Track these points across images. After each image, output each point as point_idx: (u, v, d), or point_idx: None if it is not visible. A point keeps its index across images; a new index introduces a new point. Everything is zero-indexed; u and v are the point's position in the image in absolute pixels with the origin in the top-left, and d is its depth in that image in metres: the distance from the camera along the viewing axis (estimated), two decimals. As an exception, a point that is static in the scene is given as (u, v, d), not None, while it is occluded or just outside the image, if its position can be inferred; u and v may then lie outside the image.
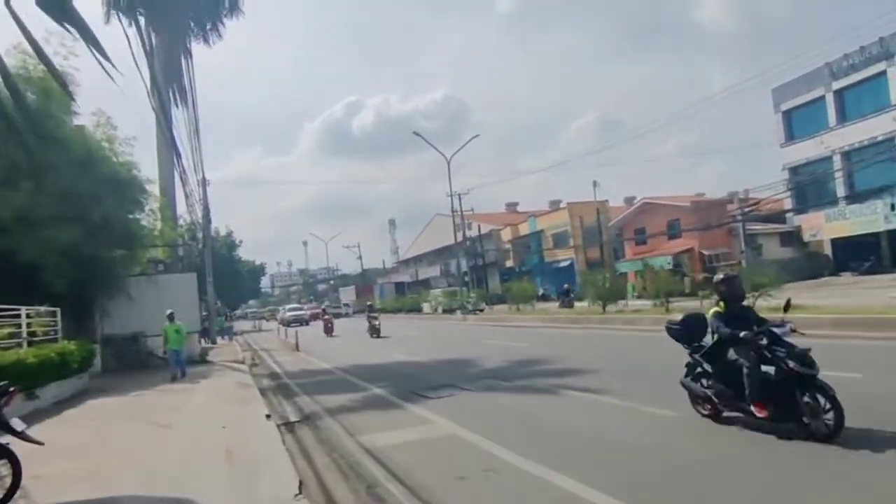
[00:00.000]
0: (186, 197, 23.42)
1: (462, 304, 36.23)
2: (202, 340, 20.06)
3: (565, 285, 34.58)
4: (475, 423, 7.64)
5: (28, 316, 11.42)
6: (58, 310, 12.99)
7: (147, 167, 19.78)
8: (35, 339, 11.39)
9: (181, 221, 25.44)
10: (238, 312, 48.92)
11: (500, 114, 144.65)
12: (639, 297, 37.16)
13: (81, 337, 16.71)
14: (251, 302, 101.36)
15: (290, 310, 55.15)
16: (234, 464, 6.22)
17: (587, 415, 7.78)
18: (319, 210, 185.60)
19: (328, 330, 29.38)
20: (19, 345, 10.67)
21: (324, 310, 40.70)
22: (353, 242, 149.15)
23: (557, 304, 33.07)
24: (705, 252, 36.70)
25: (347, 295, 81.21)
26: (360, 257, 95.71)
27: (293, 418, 9.25)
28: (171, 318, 14.63)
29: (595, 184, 43.20)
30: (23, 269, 15.60)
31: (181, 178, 21.37)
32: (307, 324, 46.16)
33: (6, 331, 10.39)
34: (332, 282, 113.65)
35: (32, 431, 8.25)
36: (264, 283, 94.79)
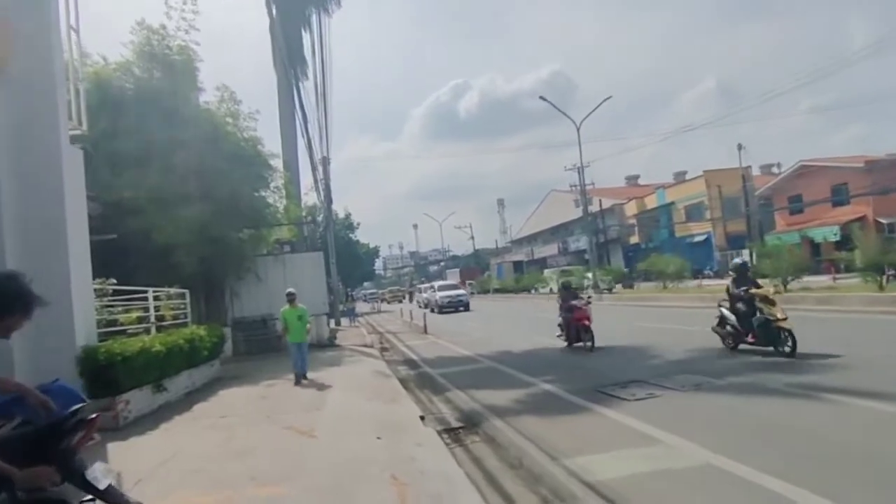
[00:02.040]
0: (313, 170, 22.67)
1: (594, 282, 33.37)
2: (330, 323, 19.05)
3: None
4: (715, 440, 5.48)
5: (156, 298, 10.49)
6: (187, 291, 12.13)
7: (270, 142, 18.98)
8: (164, 323, 10.45)
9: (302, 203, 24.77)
10: (354, 294, 44.71)
11: (609, 88, 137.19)
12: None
13: (211, 320, 16.17)
14: (366, 284, 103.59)
15: (442, 288, 38.81)
16: (405, 501, 4.46)
17: (864, 428, 5.39)
18: (428, 193, 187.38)
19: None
20: (147, 330, 9.73)
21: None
22: (463, 223, 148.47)
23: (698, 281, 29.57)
24: (883, 220, 31.35)
25: (453, 277, 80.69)
26: (472, 237, 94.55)
27: (454, 422, 7.47)
28: (291, 299, 10.93)
29: (740, 147, 38.29)
30: (155, 251, 15.18)
31: (308, 147, 20.51)
32: (467, 308, 34.91)
33: (134, 315, 9.47)
34: (442, 263, 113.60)
35: (161, 434, 6.90)
36: (377, 265, 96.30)
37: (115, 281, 9.23)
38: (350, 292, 33.43)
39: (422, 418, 7.59)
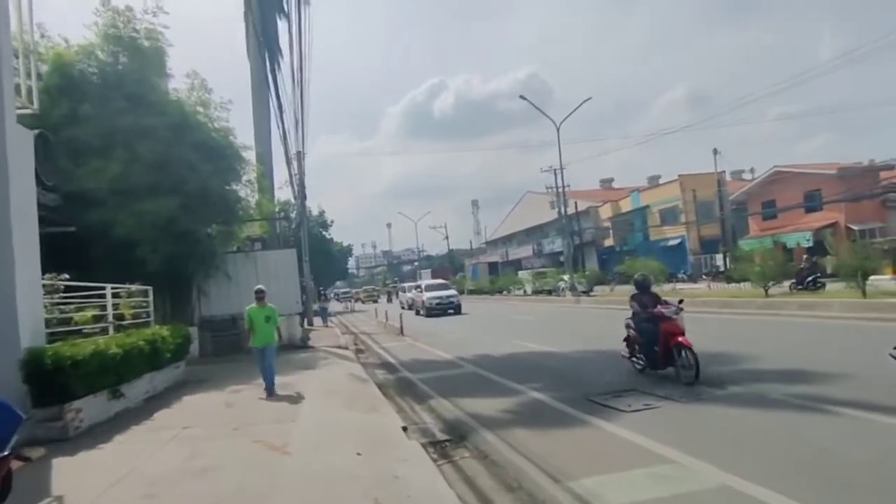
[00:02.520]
0: (288, 164, 21.83)
1: (572, 284, 32.99)
2: (304, 323, 18.31)
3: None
4: (726, 457, 5.08)
5: (116, 296, 9.69)
6: (149, 288, 11.32)
7: (243, 135, 18.17)
8: (123, 322, 9.65)
9: (275, 199, 23.90)
10: (328, 293, 42.07)
11: (585, 92, 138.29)
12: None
13: (177, 319, 15.34)
14: (338, 283, 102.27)
15: (430, 288, 33.27)
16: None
17: (879, 444, 5.00)
18: (403, 192, 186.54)
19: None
20: (104, 330, 8.94)
21: None
22: (438, 223, 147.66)
23: (673, 285, 29.45)
24: (854, 227, 31.74)
25: (425, 277, 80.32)
26: (446, 237, 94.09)
27: (439, 434, 6.92)
28: (260, 297, 9.49)
29: (716, 152, 38.47)
30: (118, 246, 14.30)
31: (283, 139, 19.71)
32: (458, 311, 30.68)
33: (89, 313, 8.68)
34: (416, 263, 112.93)
35: (114, 448, 6.09)
36: (350, 264, 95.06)
37: (67, 276, 8.44)
38: (323, 291, 32.31)
39: (404, 429, 7.03)
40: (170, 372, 10.22)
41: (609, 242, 57.56)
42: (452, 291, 33.09)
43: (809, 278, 19.27)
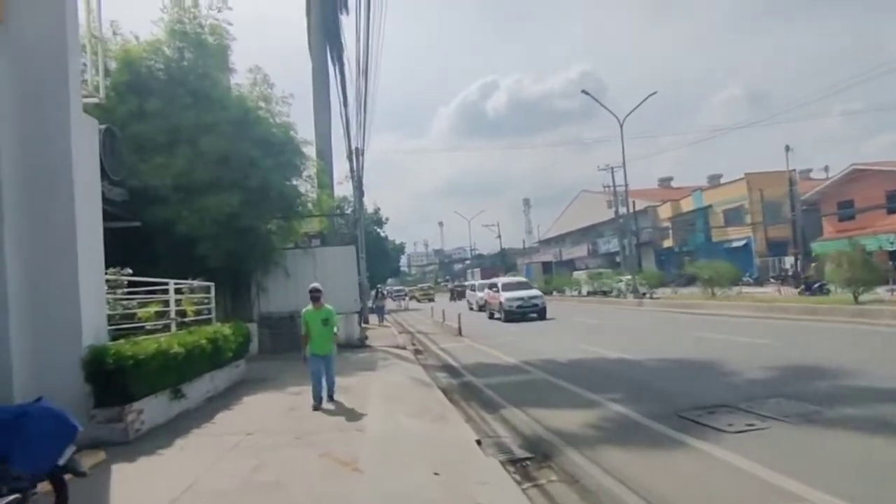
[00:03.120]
0: (349, 157, 21.58)
1: (634, 286, 31.70)
2: (361, 322, 18.03)
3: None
4: (870, 497, 4.26)
5: (178, 291, 9.49)
6: (211, 285, 11.15)
7: (303, 130, 18.01)
8: (185, 319, 9.44)
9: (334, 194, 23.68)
10: (385, 291, 40.11)
11: (639, 89, 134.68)
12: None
13: (237, 315, 15.27)
14: (389, 280, 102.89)
15: (508, 287, 27.57)
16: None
17: None
18: (455, 191, 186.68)
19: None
20: (167, 326, 8.73)
21: None
22: (490, 222, 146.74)
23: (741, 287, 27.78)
24: (945, 229, 29.41)
25: (474, 277, 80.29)
26: (499, 236, 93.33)
27: (518, 450, 6.33)
28: (315, 296, 8.45)
29: (788, 149, 36.37)
30: (180, 242, 14.32)
31: (345, 130, 19.47)
32: (543, 315, 25.07)
33: (152, 309, 8.48)
34: (467, 262, 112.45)
35: (175, 454, 5.77)
36: (402, 262, 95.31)
37: (130, 271, 8.25)
38: (381, 289, 31.83)
39: (478, 443, 6.47)
40: (230, 371, 9.99)
41: (668, 243, 55.60)
42: (536, 292, 27.08)
43: None
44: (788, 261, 37.57)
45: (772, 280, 36.92)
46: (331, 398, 8.44)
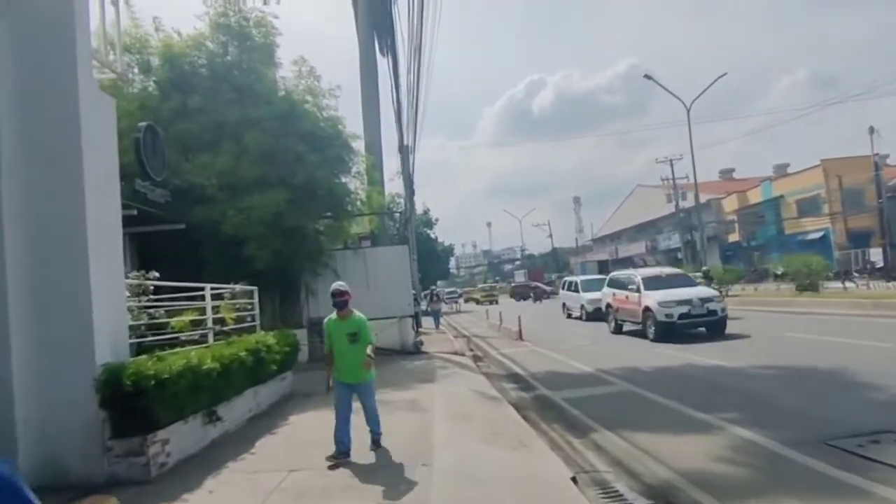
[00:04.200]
0: (400, 150, 20.52)
1: (709, 283, 29.26)
2: (417, 328, 16.89)
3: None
4: None
5: (218, 297, 8.50)
6: (255, 289, 10.14)
7: (352, 124, 17.01)
8: (224, 328, 8.42)
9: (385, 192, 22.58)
10: (440, 294, 36.99)
11: (689, 79, 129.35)
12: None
13: (286, 321, 14.40)
14: (439, 282, 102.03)
15: (656, 283, 16.73)
16: None
17: None
18: (501, 192, 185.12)
19: None
20: (204, 336, 7.73)
21: None
22: (540, 221, 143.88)
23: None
24: None
25: (519, 277, 79.05)
26: (550, 235, 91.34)
27: (629, 494, 4.95)
28: (340, 301, 6.10)
29: (872, 131, 33.39)
30: (226, 243, 13.54)
31: (396, 119, 18.39)
32: (723, 328, 15.10)
33: (187, 318, 7.49)
34: (517, 262, 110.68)
35: (205, 494, 4.68)
36: (451, 263, 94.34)
37: (157, 275, 7.28)
38: (435, 290, 30.39)
39: (574, 481, 5.14)
40: (276, 385, 8.94)
41: (734, 237, 52.53)
42: (707, 290, 16.75)
43: None
44: (874, 252, 34.44)
45: (855, 274, 33.91)
46: (375, 443, 6.18)
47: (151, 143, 12.11)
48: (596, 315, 21.34)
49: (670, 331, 14.66)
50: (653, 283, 16.64)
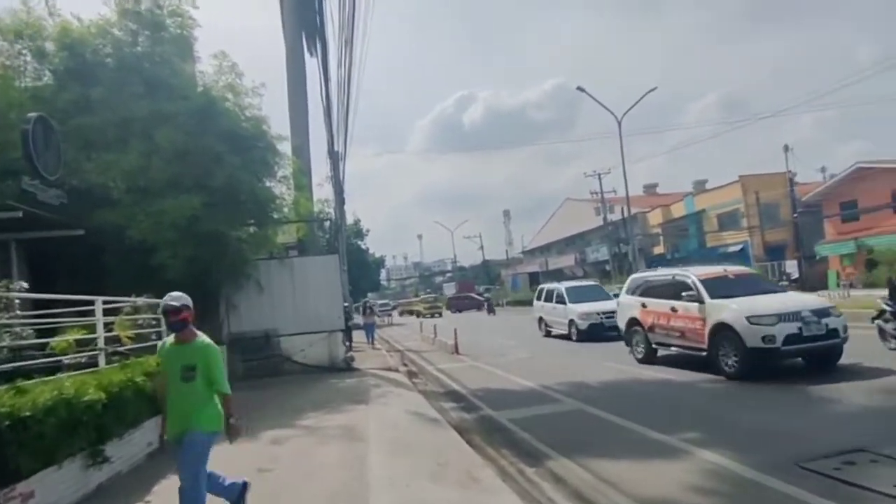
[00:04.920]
0: (329, 154, 19.45)
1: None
2: (348, 343, 15.82)
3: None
4: None
5: (115, 311, 7.26)
6: (159, 302, 8.83)
7: (278, 125, 15.89)
8: (122, 348, 7.17)
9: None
10: (374, 306, 34.14)
11: (614, 99, 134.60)
12: (850, 287, 29.55)
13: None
14: (369, 294, 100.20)
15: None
16: None
17: None
18: (432, 205, 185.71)
19: None
20: (94, 359, 6.48)
21: None
22: (471, 233, 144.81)
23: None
24: (958, 228, 28.15)
25: (449, 290, 78.76)
26: (481, 247, 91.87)
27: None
28: (175, 323, 4.22)
29: (787, 149, 35.09)
30: (134, 251, 12.13)
31: (325, 117, 17.34)
32: (837, 356, 10.02)
33: (72, 336, 6.24)
34: (448, 274, 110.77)
35: None
36: (381, 276, 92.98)
37: (25, 285, 6.03)
38: (369, 303, 28.96)
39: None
40: (185, 412, 7.73)
41: (659, 250, 54.13)
42: (818, 300, 11.98)
43: None
44: (790, 264, 36.12)
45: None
46: None
47: (43, 137, 10.65)
48: (593, 334, 17.58)
49: (765, 362, 9.67)
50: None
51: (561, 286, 20.81)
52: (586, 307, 18.49)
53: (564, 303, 19.47)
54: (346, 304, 16.68)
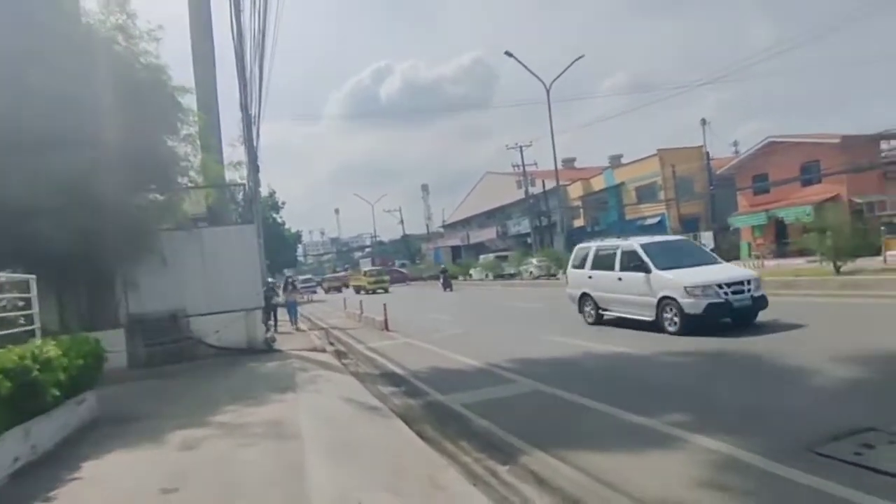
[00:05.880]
0: (243, 109, 17.52)
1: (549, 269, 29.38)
2: (270, 323, 14.30)
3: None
4: None
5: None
6: (31, 278, 7.09)
7: (181, 77, 13.89)
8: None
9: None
10: (296, 282, 30.07)
11: (527, 76, 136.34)
12: (758, 257, 30.82)
13: (95, 320, 11.38)
14: (286, 271, 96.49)
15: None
16: None
17: None
18: (348, 179, 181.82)
19: None
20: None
21: None
22: (391, 207, 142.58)
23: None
24: (857, 200, 29.77)
25: (366, 265, 77.17)
26: (401, 221, 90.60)
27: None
28: None
29: (704, 122, 36.14)
30: (5, 218, 10.10)
31: (238, 68, 15.49)
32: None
33: None
34: (367, 249, 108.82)
35: None
36: (298, 251, 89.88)
37: None
38: (291, 279, 26.89)
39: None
40: (65, 415, 6.20)
41: (579, 223, 54.96)
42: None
43: None
44: (706, 236, 37.34)
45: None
46: None
47: None
48: (710, 319, 10.72)
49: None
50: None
51: (633, 242, 12.83)
52: (693, 275, 11.24)
53: (646, 269, 11.83)
54: (270, 280, 15.11)
